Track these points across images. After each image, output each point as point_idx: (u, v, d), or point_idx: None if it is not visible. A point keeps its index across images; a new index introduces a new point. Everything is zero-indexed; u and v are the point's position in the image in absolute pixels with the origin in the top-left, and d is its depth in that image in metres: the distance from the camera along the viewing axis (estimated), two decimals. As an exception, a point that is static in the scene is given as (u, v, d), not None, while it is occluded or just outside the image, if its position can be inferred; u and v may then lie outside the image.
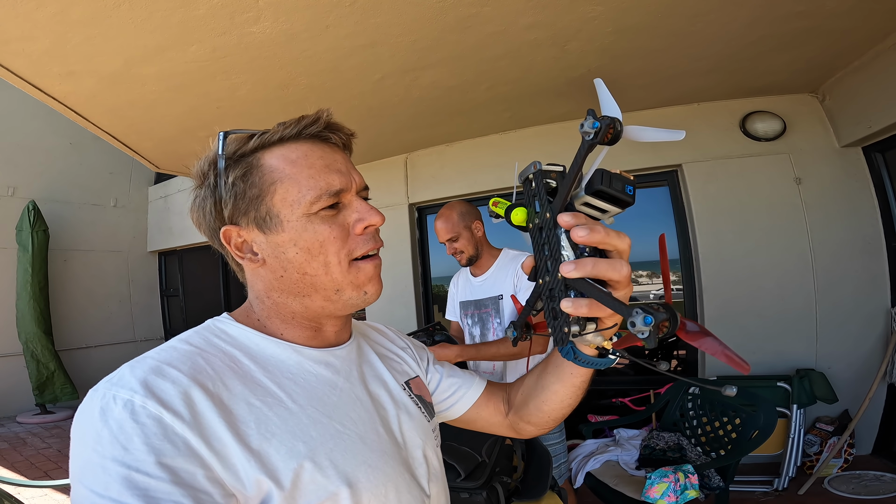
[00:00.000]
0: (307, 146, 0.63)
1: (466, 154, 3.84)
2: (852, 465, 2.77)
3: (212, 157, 0.62)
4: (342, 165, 0.64)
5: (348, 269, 0.62)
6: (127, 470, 0.45)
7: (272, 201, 0.60)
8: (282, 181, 0.60)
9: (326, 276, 0.62)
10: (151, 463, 0.45)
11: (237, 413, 0.53)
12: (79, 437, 0.49)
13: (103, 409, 0.48)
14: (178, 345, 0.59)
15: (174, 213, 6.39)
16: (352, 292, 0.63)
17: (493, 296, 2.04)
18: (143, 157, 3.49)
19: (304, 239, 0.60)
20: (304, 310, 0.64)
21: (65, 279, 5.83)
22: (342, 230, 0.62)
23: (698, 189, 3.24)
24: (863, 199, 2.95)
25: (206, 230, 0.66)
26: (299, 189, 0.60)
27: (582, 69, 2.58)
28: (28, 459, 3.99)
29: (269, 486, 0.51)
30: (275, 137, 0.61)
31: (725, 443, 2.37)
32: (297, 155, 0.61)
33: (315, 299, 0.63)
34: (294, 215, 0.60)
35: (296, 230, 0.60)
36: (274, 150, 0.62)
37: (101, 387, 0.50)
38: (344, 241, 0.62)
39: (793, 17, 2.12)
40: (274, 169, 0.60)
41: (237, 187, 0.61)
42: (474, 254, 2.04)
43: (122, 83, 2.35)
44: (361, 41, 2.13)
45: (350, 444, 0.59)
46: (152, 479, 0.45)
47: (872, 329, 2.92)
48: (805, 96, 3.06)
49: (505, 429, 0.88)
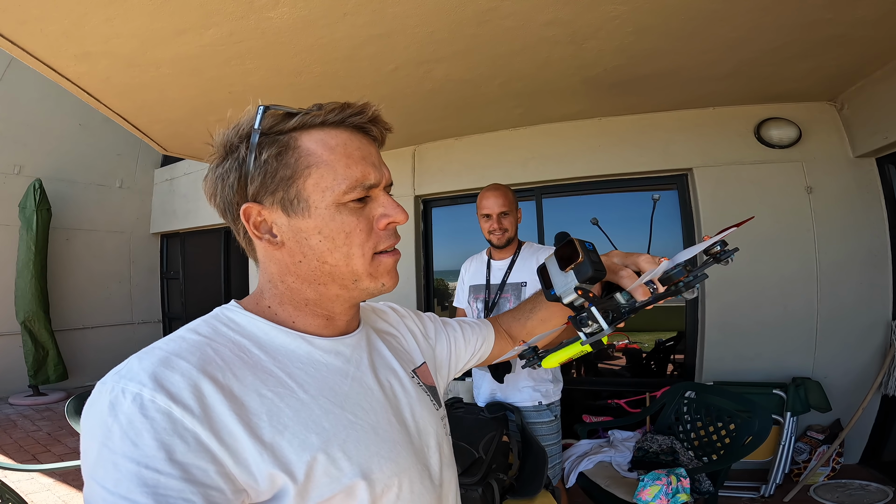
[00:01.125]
0: (347, 134, 0.61)
1: (475, 149, 3.82)
2: (839, 474, 2.79)
3: (244, 130, 0.60)
4: (376, 159, 0.63)
5: (370, 262, 0.62)
6: (137, 466, 0.44)
7: (304, 185, 0.58)
8: (317, 166, 0.58)
9: (347, 266, 0.61)
10: (161, 459, 0.45)
11: (249, 405, 0.52)
12: (89, 432, 0.48)
13: (112, 404, 0.47)
14: (186, 335, 0.57)
15: (178, 196, 6.38)
16: (369, 282, 0.63)
17: (517, 282, 2.05)
18: (151, 140, 3.48)
19: (330, 228, 0.59)
20: (317, 297, 0.64)
21: (66, 258, 5.83)
22: (368, 223, 0.61)
23: (707, 194, 3.23)
24: (872, 211, 2.95)
25: (221, 203, 0.62)
26: (335, 177, 0.58)
27: (598, 68, 2.56)
28: (17, 442, 3.99)
29: (284, 480, 0.51)
30: (317, 121, 0.59)
31: (718, 448, 2.38)
32: (337, 142, 0.60)
33: (331, 287, 0.63)
34: (324, 202, 0.58)
35: (323, 218, 0.59)
36: (313, 133, 0.60)
37: (110, 379, 0.49)
38: (368, 235, 0.61)
39: (820, 24, 2.10)
40: (311, 153, 0.59)
41: (269, 165, 0.58)
42: (514, 237, 2.06)
43: (136, 65, 2.34)
44: (378, 30, 2.11)
45: (363, 434, 0.59)
46: (162, 475, 0.44)
47: (871, 341, 2.93)
48: (823, 104, 3.04)
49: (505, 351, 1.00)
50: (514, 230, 2.04)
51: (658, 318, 4.56)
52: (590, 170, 3.51)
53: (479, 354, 0.97)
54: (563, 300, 0.65)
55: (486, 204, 2.02)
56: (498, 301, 2.11)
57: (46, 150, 5.67)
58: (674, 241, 3.46)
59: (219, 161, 0.62)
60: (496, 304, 2.10)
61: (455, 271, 4.58)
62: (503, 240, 2.03)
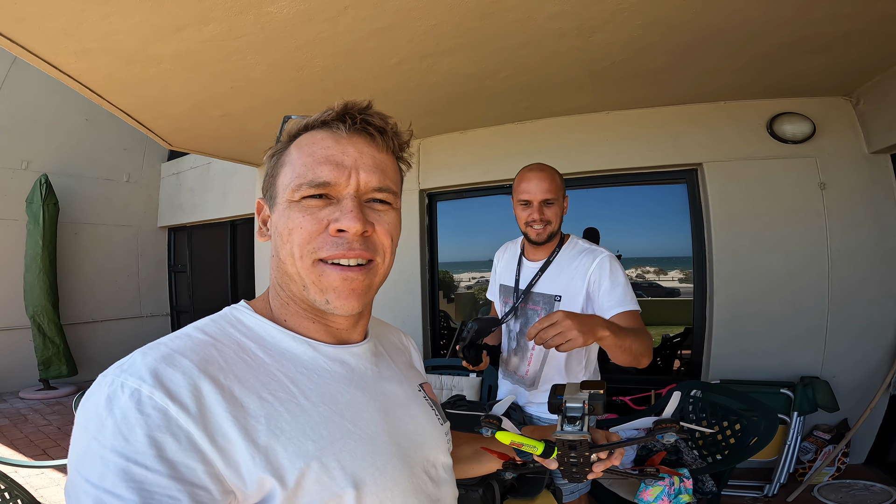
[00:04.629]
0: (323, 134, 0.62)
1: (480, 142, 3.78)
2: (844, 474, 2.76)
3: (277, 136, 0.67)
4: (349, 159, 0.60)
5: (311, 267, 0.59)
6: (125, 461, 0.44)
7: (277, 181, 0.63)
8: (286, 164, 0.62)
9: (292, 266, 0.60)
10: (151, 456, 0.45)
11: (248, 407, 0.52)
12: (82, 423, 0.48)
13: (110, 397, 0.47)
14: (192, 333, 0.58)
15: (185, 190, 6.41)
16: (315, 294, 0.60)
17: (549, 293, 1.59)
18: (156, 135, 3.48)
19: (280, 223, 0.61)
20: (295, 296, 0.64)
21: (74, 252, 5.88)
22: (317, 225, 0.59)
23: (717, 189, 3.17)
24: (887, 208, 2.88)
25: None
26: (291, 174, 0.61)
27: (605, 62, 2.51)
28: (28, 437, 4.03)
29: (272, 485, 0.50)
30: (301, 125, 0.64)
31: (723, 447, 2.34)
32: (308, 142, 0.62)
33: (293, 288, 0.62)
34: (282, 198, 0.61)
35: (278, 213, 0.62)
36: (301, 138, 0.64)
37: (111, 372, 0.50)
38: (312, 236, 0.58)
39: (837, 18, 2.04)
40: (289, 153, 0.63)
41: (269, 164, 0.66)
42: (556, 231, 1.60)
43: (136, 62, 2.33)
44: (380, 24, 2.08)
45: (360, 444, 0.58)
46: (150, 472, 0.44)
47: (882, 340, 2.88)
48: (838, 99, 2.96)
49: None
50: (557, 223, 1.58)
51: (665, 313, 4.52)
52: (597, 164, 3.46)
53: None
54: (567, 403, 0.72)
55: (525, 188, 1.56)
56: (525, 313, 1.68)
57: (53, 146, 5.71)
58: (683, 236, 3.41)
59: None
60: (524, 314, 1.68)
61: (460, 264, 4.59)
62: (544, 235, 1.57)
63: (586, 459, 0.71)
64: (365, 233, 0.59)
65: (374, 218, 0.61)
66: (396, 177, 0.66)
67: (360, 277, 0.60)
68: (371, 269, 0.61)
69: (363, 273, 0.60)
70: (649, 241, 4.03)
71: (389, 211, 0.64)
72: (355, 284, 0.60)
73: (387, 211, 0.63)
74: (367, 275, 0.61)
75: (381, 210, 0.63)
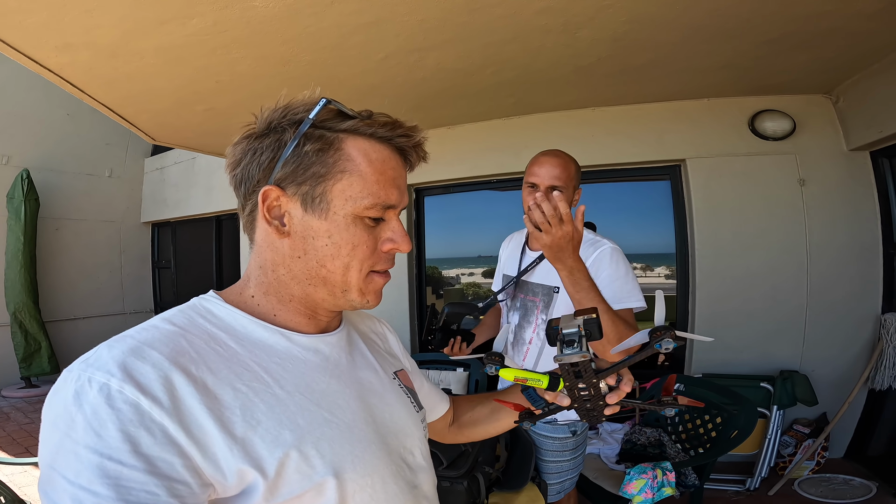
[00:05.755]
0: (388, 152, 0.63)
1: (468, 138, 3.78)
2: (824, 468, 2.81)
3: (297, 116, 0.60)
4: (403, 183, 0.65)
5: (365, 278, 0.63)
6: (99, 458, 0.44)
7: (332, 187, 0.59)
8: (351, 173, 0.59)
9: (342, 276, 0.62)
10: (126, 451, 0.44)
11: (222, 399, 0.52)
12: (51, 420, 0.47)
13: (77, 393, 0.46)
14: (160, 324, 0.57)
15: (169, 185, 6.31)
16: (356, 296, 0.64)
17: (549, 285, 1.57)
18: (139, 129, 3.42)
19: (341, 235, 0.60)
20: (303, 296, 0.64)
21: (55, 248, 5.77)
22: (374, 241, 0.63)
23: (700, 185, 3.21)
24: (864, 204, 2.94)
25: (240, 173, 0.62)
26: (363, 189, 0.60)
27: (591, 58, 2.53)
28: (10, 435, 3.98)
29: (253, 476, 0.50)
30: (368, 131, 0.61)
31: (705, 441, 2.39)
32: (378, 157, 0.61)
33: (319, 291, 0.63)
34: (344, 210, 0.59)
35: (337, 224, 0.60)
36: (359, 141, 0.61)
37: (77, 367, 0.49)
38: (371, 252, 0.63)
39: (819, 16, 2.07)
40: (351, 159, 0.59)
41: (307, 157, 0.58)
42: None
43: (119, 56, 2.28)
44: (367, 18, 2.07)
45: (338, 433, 0.59)
46: (125, 467, 0.44)
47: (860, 335, 2.95)
48: (818, 97, 3.01)
49: (438, 436, 0.97)
50: None
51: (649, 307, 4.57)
52: (582, 160, 3.40)
53: None
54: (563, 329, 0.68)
55: (535, 171, 1.52)
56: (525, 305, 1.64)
57: (34, 141, 5.60)
58: (667, 232, 3.45)
59: (258, 135, 0.62)
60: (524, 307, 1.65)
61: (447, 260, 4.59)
62: None
63: (597, 391, 0.70)
64: None
65: None
66: None
67: (388, 279, 0.68)
68: None
69: (389, 275, 0.68)
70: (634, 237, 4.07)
71: None
72: (384, 285, 0.68)
73: None
74: None
75: None
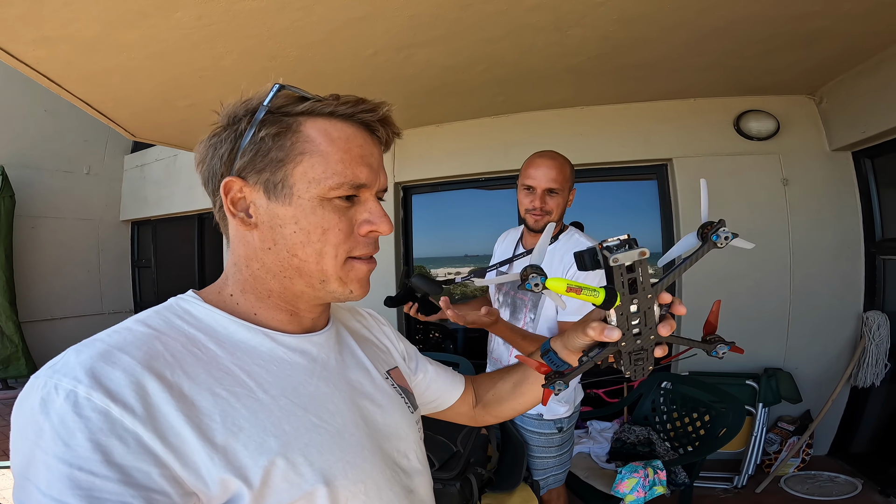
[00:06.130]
0: (353, 129, 0.59)
1: (457, 136, 3.76)
2: (809, 465, 2.85)
3: (253, 104, 0.58)
4: (376, 161, 0.61)
5: (343, 265, 0.59)
6: (69, 468, 0.41)
7: (293, 171, 0.56)
8: (311, 154, 0.56)
9: (317, 265, 0.58)
10: (97, 461, 0.42)
11: (200, 405, 0.49)
12: (19, 428, 0.45)
13: (44, 400, 0.44)
14: (133, 326, 0.53)
15: (150, 183, 6.16)
16: (337, 286, 0.60)
17: None
18: (118, 126, 3.33)
19: (308, 220, 0.57)
20: (281, 290, 0.60)
21: (32, 247, 5.60)
22: (349, 225, 0.59)
23: (686, 184, 3.24)
24: (846, 204, 2.99)
25: (206, 171, 0.61)
26: (325, 169, 0.56)
27: (582, 56, 2.52)
28: (-14, 438, 3.83)
29: (238, 486, 0.48)
30: (326, 109, 0.58)
31: (693, 439, 2.41)
32: (340, 135, 0.58)
33: (296, 283, 0.59)
34: (308, 193, 0.56)
35: (303, 209, 0.57)
36: (318, 122, 0.58)
37: (43, 374, 0.46)
38: (347, 236, 0.59)
39: (807, 16, 2.09)
40: (310, 140, 0.57)
41: (264, 144, 0.56)
42: (556, 222, 1.62)
43: (99, 50, 2.22)
44: (356, 13, 2.03)
45: (327, 438, 0.56)
46: (98, 478, 0.42)
47: (842, 332, 3.00)
48: (802, 98, 3.06)
49: (467, 419, 0.92)
50: (558, 214, 1.59)
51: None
52: (571, 158, 3.39)
53: (430, 406, 0.91)
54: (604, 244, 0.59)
55: (532, 173, 1.57)
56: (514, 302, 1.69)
57: (10, 137, 5.44)
58: (653, 230, 3.48)
59: (218, 130, 0.60)
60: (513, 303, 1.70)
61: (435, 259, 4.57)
62: (541, 223, 1.60)
63: (650, 318, 0.61)
64: None
65: None
66: None
67: (375, 264, 0.64)
68: None
69: (374, 261, 0.64)
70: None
71: None
72: (371, 272, 0.63)
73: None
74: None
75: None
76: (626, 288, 0.58)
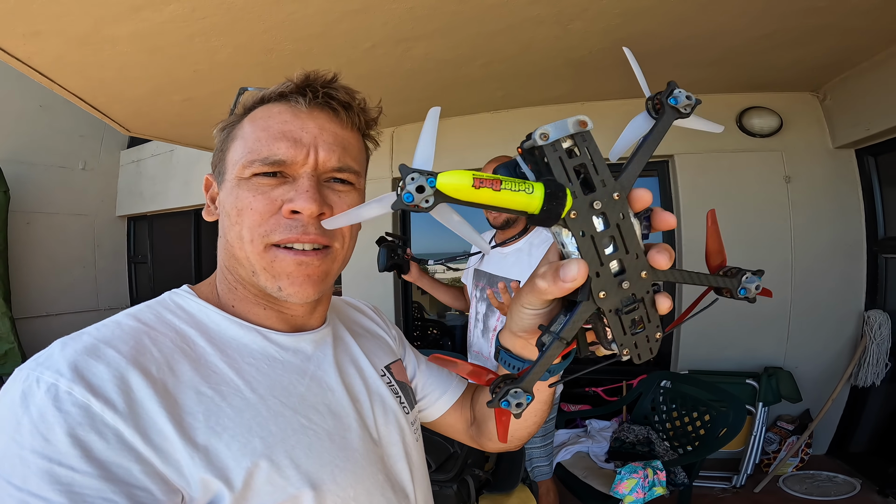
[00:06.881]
0: (281, 108, 0.57)
1: (455, 131, 3.72)
2: (807, 465, 2.84)
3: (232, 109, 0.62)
4: (308, 135, 0.55)
5: (262, 252, 0.54)
6: (48, 463, 0.40)
7: (227, 156, 0.58)
8: (238, 138, 0.58)
9: (241, 250, 0.55)
10: (76, 456, 0.41)
11: (183, 403, 0.48)
12: None
13: (25, 394, 0.43)
14: (123, 320, 0.52)
15: (146, 178, 6.13)
16: (266, 281, 0.55)
17: (512, 279, 1.71)
18: (112, 121, 3.29)
19: (228, 202, 0.56)
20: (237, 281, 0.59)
21: (26, 243, 5.57)
22: (270, 206, 0.54)
23: (688, 181, 3.21)
24: (849, 202, 2.97)
25: None
26: (242, 150, 0.56)
27: (583, 51, 2.48)
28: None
29: (218, 487, 0.46)
30: (257, 97, 0.60)
31: (693, 438, 2.39)
32: (263, 115, 0.57)
33: (241, 273, 0.57)
34: (231, 175, 0.57)
35: (226, 190, 0.57)
36: (255, 111, 0.59)
37: (27, 366, 0.46)
38: (264, 218, 0.54)
39: (811, 12, 2.05)
40: (243, 126, 0.58)
41: (220, 138, 0.61)
42: (515, 218, 1.74)
43: (91, 44, 2.18)
44: (353, 6, 1.99)
45: (316, 440, 0.54)
46: (77, 473, 0.40)
47: (843, 332, 2.98)
48: (805, 94, 3.02)
49: (467, 439, 0.82)
50: None
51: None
52: (572, 155, 3.45)
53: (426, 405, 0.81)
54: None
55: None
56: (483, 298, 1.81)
57: (4, 132, 5.40)
58: (654, 228, 3.45)
59: None
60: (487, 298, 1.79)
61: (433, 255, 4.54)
62: (499, 220, 1.76)
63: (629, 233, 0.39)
64: (321, 215, 0.54)
65: (333, 199, 0.56)
66: (361, 155, 0.61)
67: (317, 263, 0.55)
68: (329, 255, 0.57)
69: (319, 258, 0.55)
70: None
71: (351, 192, 0.58)
72: (311, 270, 0.55)
73: (348, 192, 0.58)
74: (323, 260, 0.56)
75: (341, 191, 0.58)
76: (576, 185, 0.37)
